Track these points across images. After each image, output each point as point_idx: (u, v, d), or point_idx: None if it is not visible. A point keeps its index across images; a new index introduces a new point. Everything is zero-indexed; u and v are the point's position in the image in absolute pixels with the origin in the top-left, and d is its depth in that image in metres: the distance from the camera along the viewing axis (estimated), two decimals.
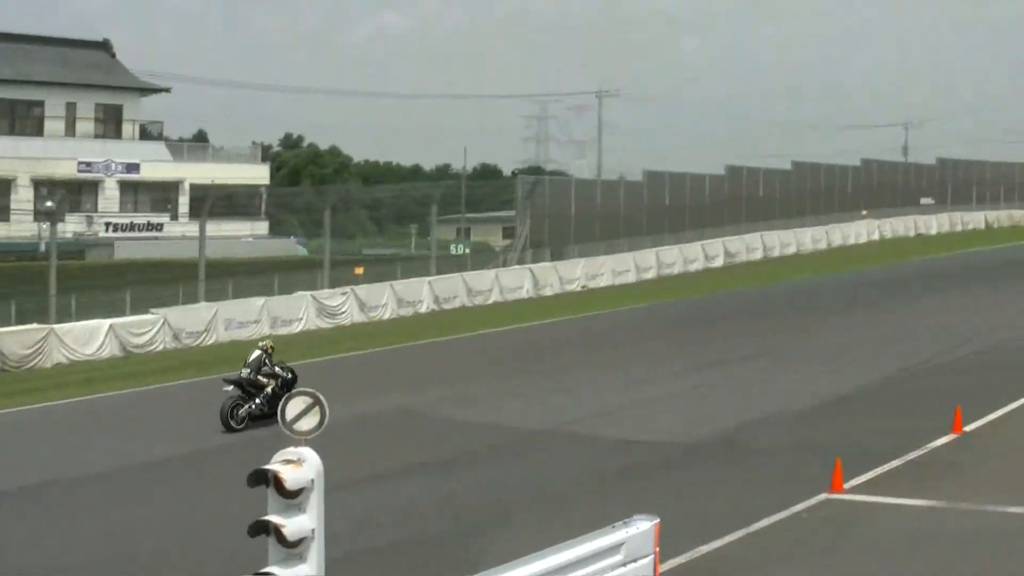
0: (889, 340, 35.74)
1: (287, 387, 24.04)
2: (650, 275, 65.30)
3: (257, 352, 26.95)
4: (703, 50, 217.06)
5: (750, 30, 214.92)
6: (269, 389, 25.91)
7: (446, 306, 52.95)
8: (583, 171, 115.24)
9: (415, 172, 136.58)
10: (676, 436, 22.71)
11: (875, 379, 28.63)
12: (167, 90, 79.74)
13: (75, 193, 70.74)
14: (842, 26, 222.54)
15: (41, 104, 73.56)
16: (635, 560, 10.92)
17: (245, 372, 26.39)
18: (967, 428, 21.27)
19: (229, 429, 25.54)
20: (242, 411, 25.84)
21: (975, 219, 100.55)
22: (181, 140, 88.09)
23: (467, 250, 74.96)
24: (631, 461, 20.76)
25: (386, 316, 50.36)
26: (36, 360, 39.17)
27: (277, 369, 26.68)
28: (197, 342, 43.30)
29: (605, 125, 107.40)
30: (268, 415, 24.57)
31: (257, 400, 25.93)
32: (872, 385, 27.89)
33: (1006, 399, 24.18)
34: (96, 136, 74.89)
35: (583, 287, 58.73)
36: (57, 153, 71.64)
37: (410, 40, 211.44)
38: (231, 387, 26.14)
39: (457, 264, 63.01)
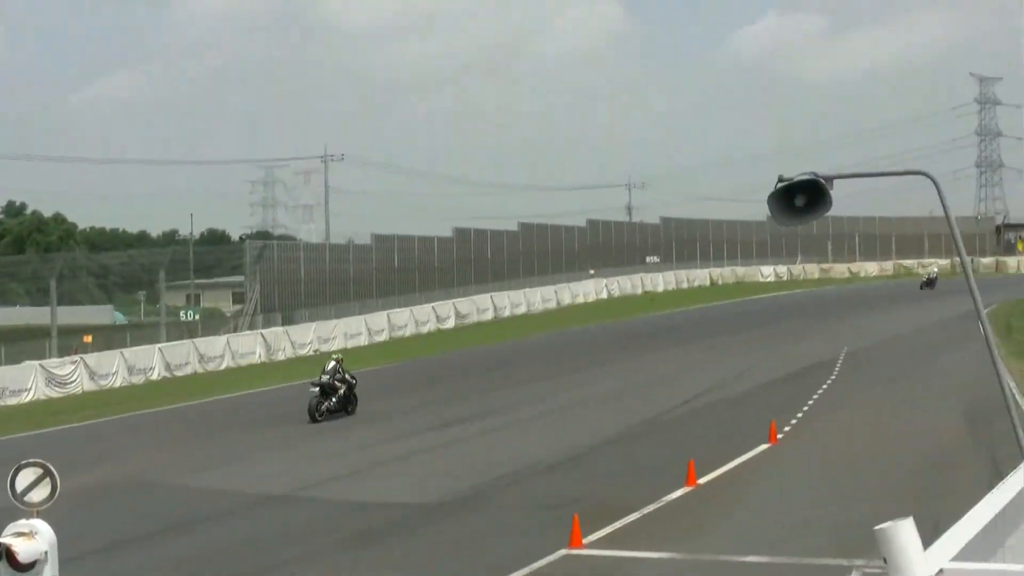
0: (627, 394, 36.65)
1: (351, 390, 34.54)
2: (382, 337, 65.52)
3: (333, 362, 34.76)
4: (430, 113, 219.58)
5: (476, 93, 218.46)
6: (341, 391, 34.30)
7: (178, 372, 52.03)
8: (311, 235, 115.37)
9: (142, 238, 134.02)
10: (417, 496, 22.59)
11: (614, 432, 29.11)
12: None
13: None
14: (566, 88, 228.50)
15: None
16: None
17: (325, 378, 33.99)
18: (701, 480, 21.80)
19: (314, 420, 33.27)
20: (323, 407, 33.68)
21: (700, 276, 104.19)
22: None
23: (197, 316, 73.82)
24: (369, 524, 20.55)
25: (117, 384, 49.22)
26: None
27: (347, 376, 34.60)
28: None
29: (332, 189, 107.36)
30: (340, 410, 34.11)
31: (333, 399, 34.04)
32: (612, 438, 28.38)
33: (737, 451, 24.92)
34: None
35: (316, 351, 58.44)
36: None
37: (134, 105, 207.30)
38: (316, 389, 33.92)
39: (188, 330, 62.14)
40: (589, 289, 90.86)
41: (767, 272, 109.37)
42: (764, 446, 25.38)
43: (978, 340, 42.43)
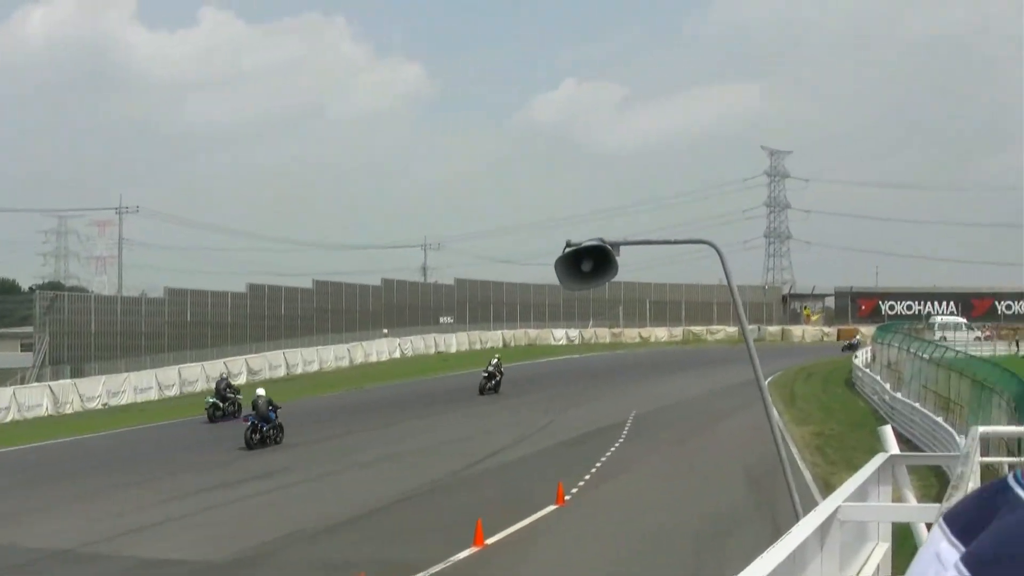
0: (419, 453, 36.55)
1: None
2: (173, 392, 64.36)
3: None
4: (227, 168, 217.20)
5: (275, 149, 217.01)
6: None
7: None
8: (104, 288, 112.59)
9: None
10: (203, 553, 22.16)
11: (405, 491, 28.99)
12: None
13: None
14: (365, 147, 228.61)
15: None
16: None
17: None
18: (488, 540, 21.90)
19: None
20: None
21: (493, 337, 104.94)
22: None
23: None
24: None
25: None
26: None
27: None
28: None
29: (126, 241, 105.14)
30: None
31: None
32: (402, 496, 28.26)
33: (525, 512, 25.11)
34: None
35: (104, 404, 57.04)
36: None
37: None
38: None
39: None
40: (383, 348, 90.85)
41: (559, 335, 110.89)
42: (552, 507, 25.64)
43: (761, 405, 43.77)
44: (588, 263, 7.96)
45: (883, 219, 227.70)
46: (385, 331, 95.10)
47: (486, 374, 57.10)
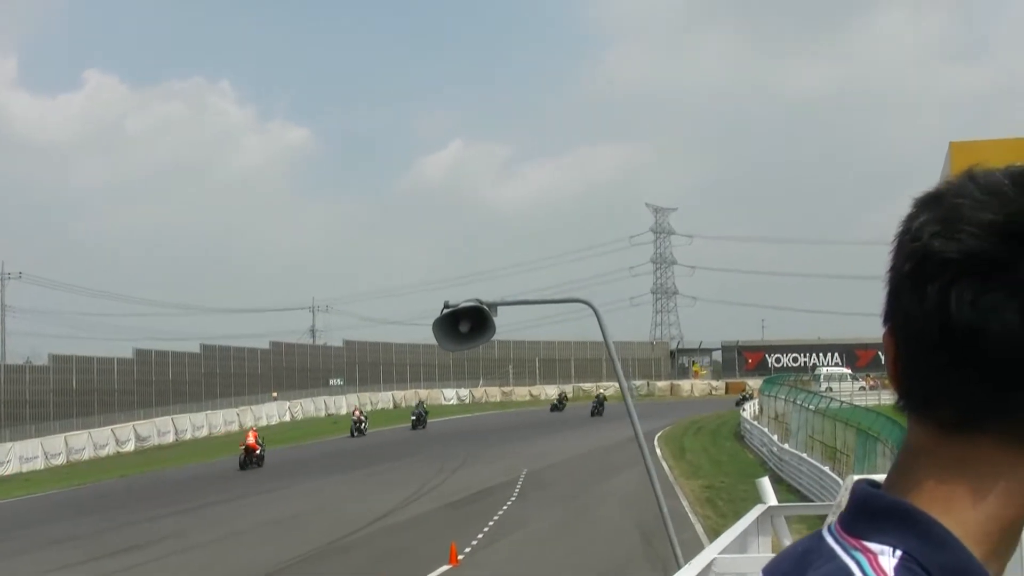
0: (309, 517, 36.08)
1: None
2: (59, 460, 63.17)
3: None
4: (112, 232, 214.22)
5: (160, 212, 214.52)
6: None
7: None
8: None
9: None
10: None
11: (295, 555, 28.52)
12: None
13: None
14: (251, 209, 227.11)
15: None
16: None
17: None
18: None
19: None
20: None
21: (384, 398, 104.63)
22: None
23: None
24: None
25: None
26: None
27: None
28: None
29: (8, 308, 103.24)
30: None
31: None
32: (293, 560, 27.78)
33: (417, 574, 24.93)
34: None
35: None
36: None
37: None
38: None
39: None
40: (272, 412, 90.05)
41: (449, 395, 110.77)
42: (444, 567, 25.55)
43: (652, 459, 44.03)
44: (466, 324, 8.06)
45: (768, 273, 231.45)
46: (274, 394, 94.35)
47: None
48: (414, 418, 76.89)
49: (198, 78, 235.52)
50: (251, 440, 55.51)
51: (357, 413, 76.87)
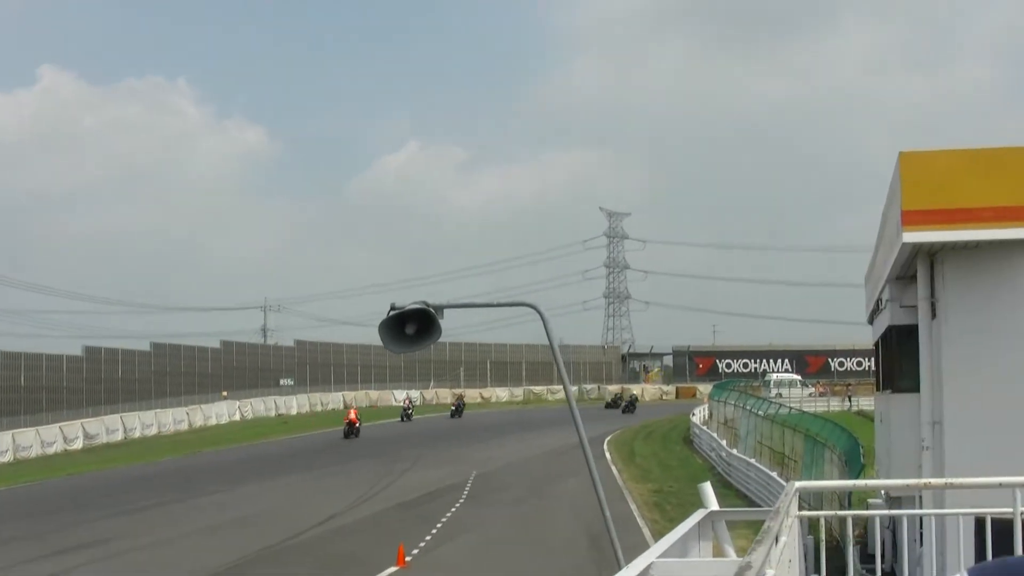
0: (252, 519, 35.89)
1: None
2: (6, 458, 62.64)
3: None
4: (61, 230, 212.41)
5: (110, 211, 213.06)
6: None
7: None
8: None
9: None
10: None
11: (239, 558, 28.29)
12: None
13: None
14: (202, 209, 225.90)
15: None
16: None
17: None
18: None
19: None
20: None
21: (334, 399, 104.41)
22: None
23: None
24: None
25: None
26: None
27: None
28: None
29: None
30: None
31: None
32: (237, 564, 27.54)
33: (364, 575, 24.93)
34: None
35: None
36: None
37: None
38: None
39: None
40: (222, 411, 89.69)
41: (400, 396, 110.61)
42: (392, 569, 25.52)
43: (601, 463, 44.07)
44: (412, 326, 8.10)
45: (720, 279, 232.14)
46: (225, 394, 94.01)
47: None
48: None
49: (156, 77, 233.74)
50: (352, 416, 70.90)
51: (407, 401, 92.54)
